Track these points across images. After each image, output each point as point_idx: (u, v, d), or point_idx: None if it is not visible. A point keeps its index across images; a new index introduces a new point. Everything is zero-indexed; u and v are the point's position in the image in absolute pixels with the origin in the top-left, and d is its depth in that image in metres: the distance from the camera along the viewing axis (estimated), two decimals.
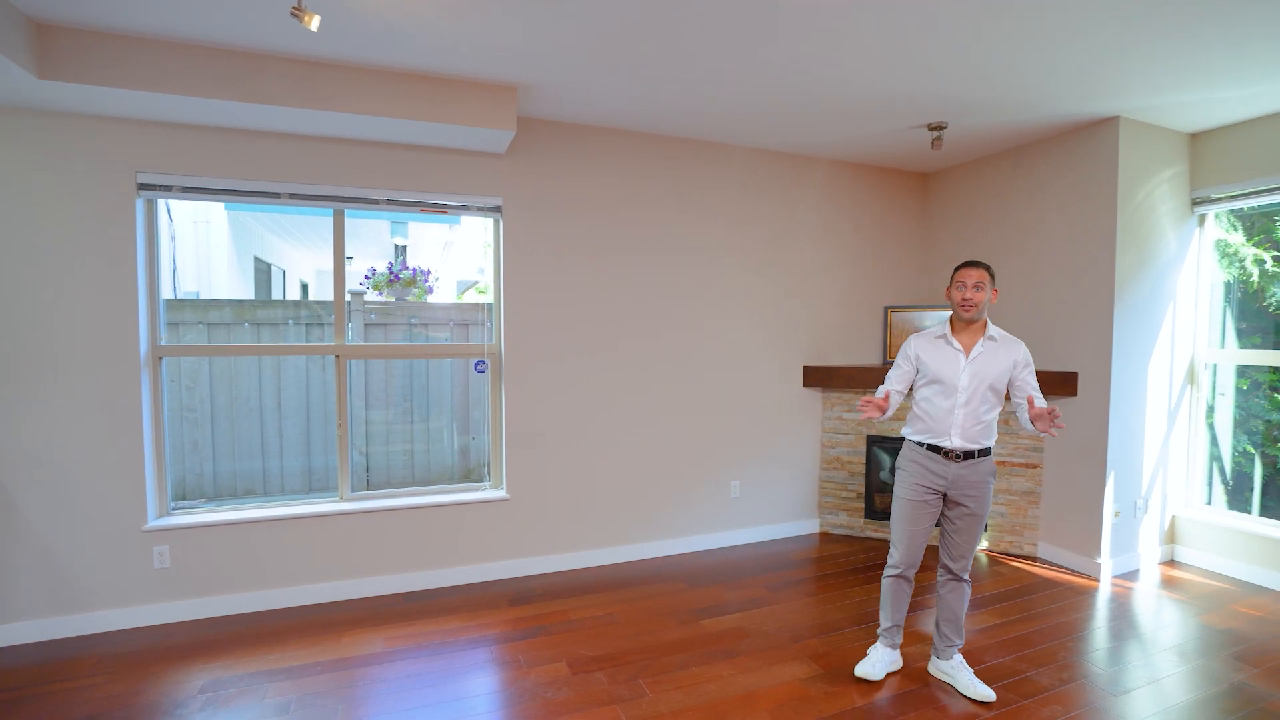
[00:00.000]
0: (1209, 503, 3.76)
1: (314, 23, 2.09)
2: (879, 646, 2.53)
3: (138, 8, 2.29)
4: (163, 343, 3.05)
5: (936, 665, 2.49)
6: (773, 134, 3.73)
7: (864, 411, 2.29)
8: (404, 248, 6.89)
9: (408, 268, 3.67)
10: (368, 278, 3.66)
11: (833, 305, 4.32)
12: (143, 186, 2.88)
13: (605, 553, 3.72)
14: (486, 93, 2.98)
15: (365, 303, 3.60)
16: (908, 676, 2.50)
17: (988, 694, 2.31)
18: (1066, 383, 3.58)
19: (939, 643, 2.48)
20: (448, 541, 3.39)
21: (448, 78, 2.91)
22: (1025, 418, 2.29)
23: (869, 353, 4.46)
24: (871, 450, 4.18)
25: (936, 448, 2.36)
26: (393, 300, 3.65)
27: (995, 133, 3.66)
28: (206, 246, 4.47)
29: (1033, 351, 3.63)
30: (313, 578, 3.16)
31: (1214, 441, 3.75)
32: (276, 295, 6.08)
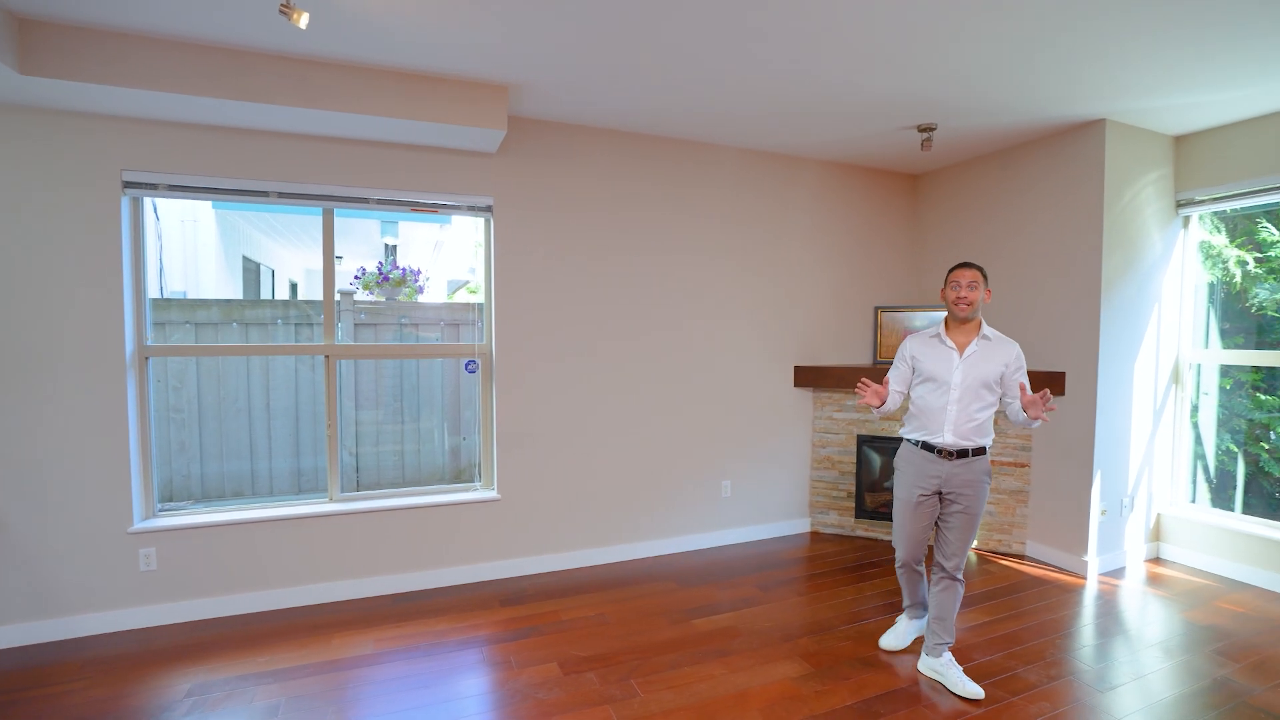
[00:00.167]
0: (1193, 501, 3.81)
1: (303, 20, 2.08)
2: (904, 619, 2.74)
3: (122, 3, 2.27)
4: (149, 343, 3.02)
5: (926, 663, 2.51)
6: (764, 135, 3.74)
7: (861, 394, 2.40)
8: (394, 247, 6.85)
9: (398, 267, 3.65)
10: (357, 277, 3.64)
11: (823, 305, 4.34)
12: (128, 184, 2.84)
13: (597, 553, 3.72)
14: (478, 92, 2.97)
15: (355, 302, 3.57)
16: (898, 675, 2.51)
17: (976, 691, 2.33)
18: (1054, 382, 3.62)
19: (929, 641, 2.51)
20: (438, 542, 3.37)
21: (439, 77, 2.90)
22: (1016, 408, 2.37)
23: (859, 353, 4.48)
24: (862, 450, 4.20)
25: (931, 446, 2.42)
26: (383, 300, 3.63)
27: (984, 134, 3.69)
28: (194, 246, 4.42)
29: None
30: (302, 579, 3.13)
31: (1198, 440, 3.81)
32: (265, 295, 6.02)
